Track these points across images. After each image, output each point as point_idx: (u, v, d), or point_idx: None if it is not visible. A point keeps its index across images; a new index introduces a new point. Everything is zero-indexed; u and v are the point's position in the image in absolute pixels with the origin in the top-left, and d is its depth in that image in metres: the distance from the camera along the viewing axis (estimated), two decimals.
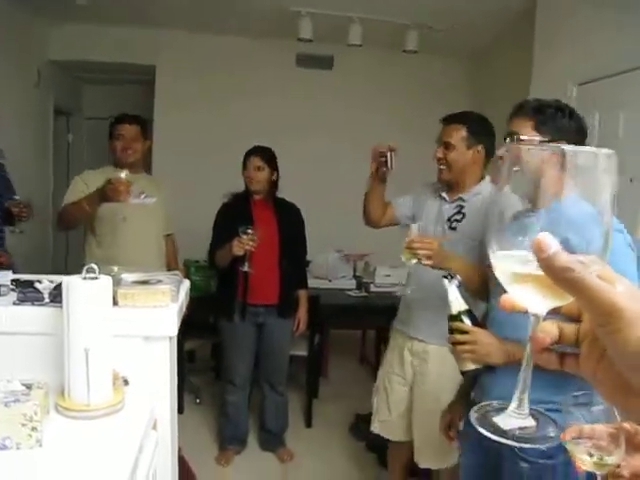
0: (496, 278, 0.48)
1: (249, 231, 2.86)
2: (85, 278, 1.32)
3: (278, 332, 3.21)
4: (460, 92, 5.37)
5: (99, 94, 6.15)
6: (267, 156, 3.11)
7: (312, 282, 4.13)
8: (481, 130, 2.34)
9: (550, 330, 0.48)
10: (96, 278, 1.33)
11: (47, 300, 1.50)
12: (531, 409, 0.51)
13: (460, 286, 1.66)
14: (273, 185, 3.15)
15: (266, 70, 5.18)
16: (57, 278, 1.78)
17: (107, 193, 2.52)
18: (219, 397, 3.51)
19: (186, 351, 3.91)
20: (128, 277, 1.57)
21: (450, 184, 2.37)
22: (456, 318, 1.64)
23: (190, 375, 4.05)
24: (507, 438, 0.50)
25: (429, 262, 1.97)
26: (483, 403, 0.54)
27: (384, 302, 3.85)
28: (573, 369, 0.49)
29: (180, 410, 3.80)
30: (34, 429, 1.16)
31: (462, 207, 2.34)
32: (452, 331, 1.64)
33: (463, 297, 1.65)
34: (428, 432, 2.41)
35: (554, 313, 0.49)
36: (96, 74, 5.69)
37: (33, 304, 1.48)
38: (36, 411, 1.16)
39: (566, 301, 0.46)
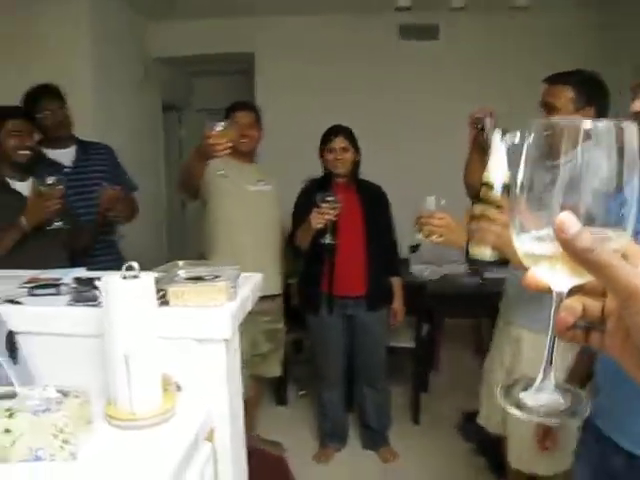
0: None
1: (329, 198, 2.55)
2: (125, 277, 1.21)
3: (370, 325, 2.96)
4: (584, 50, 4.76)
5: (207, 86, 6.25)
6: (351, 135, 2.91)
7: (420, 268, 3.87)
8: (592, 90, 2.03)
9: (574, 307, 0.47)
10: (136, 277, 1.22)
11: (101, 300, 1.42)
12: (558, 384, 0.50)
13: (516, 145, 1.22)
14: (356, 166, 2.94)
15: (368, 46, 4.94)
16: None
17: (203, 149, 2.34)
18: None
19: (291, 342, 3.83)
20: (183, 273, 1.45)
21: None
22: (492, 187, 1.27)
23: (296, 366, 3.96)
24: (528, 413, 0.49)
25: (440, 240, 1.75)
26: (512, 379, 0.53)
27: (500, 288, 3.58)
28: (598, 346, 0.48)
29: (284, 402, 3.75)
30: (65, 442, 1.06)
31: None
32: (481, 200, 1.27)
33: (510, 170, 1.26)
34: (522, 429, 2.19)
35: (579, 290, 0.47)
36: (200, 66, 5.76)
37: (87, 304, 1.41)
38: (66, 423, 1.06)
39: (590, 277, 0.44)
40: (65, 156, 2.82)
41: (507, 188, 1.23)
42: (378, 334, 3.02)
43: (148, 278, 1.22)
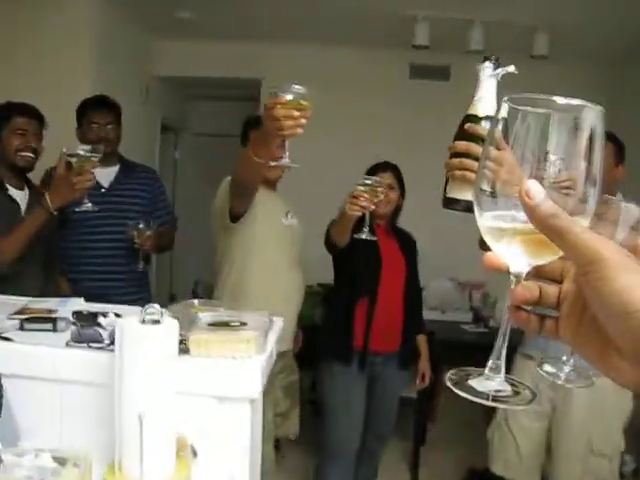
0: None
1: (367, 181, 2.03)
2: (144, 321, 1.02)
3: (393, 385, 2.64)
4: (601, 102, 4.73)
5: (206, 110, 6.12)
6: (399, 174, 2.61)
7: (424, 314, 3.71)
8: (622, 150, 2.22)
9: (531, 288, 0.48)
10: (157, 321, 1.03)
11: (107, 342, 1.22)
12: (506, 376, 0.51)
13: (500, 74, 1.08)
14: (398, 210, 2.62)
15: (377, 82, 4.85)
16: (130, 310, 1.52)
17: (267, 126, 1.57)
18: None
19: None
20: (205, 317, 1.26)
21: None
22: (479, 120, 1.06)
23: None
24: (482, 398, 0.49)
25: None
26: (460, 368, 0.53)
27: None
28: (552, 333, 0.48)
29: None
30: None
31: None
32: (465, 135, 1.07)
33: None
34: None
35: (537, 275, 0.48)
36: (203, 89, 5.64)
37: (89, 346, 1.21)
38: None
39: (549, 258, 0.46)
40: (105, 176, 2.55)
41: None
42: (397, 395, 2.74)
43: (171, 324, 1.03)
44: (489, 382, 0.51)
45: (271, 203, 2.37)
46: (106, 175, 2.57)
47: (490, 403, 0.49)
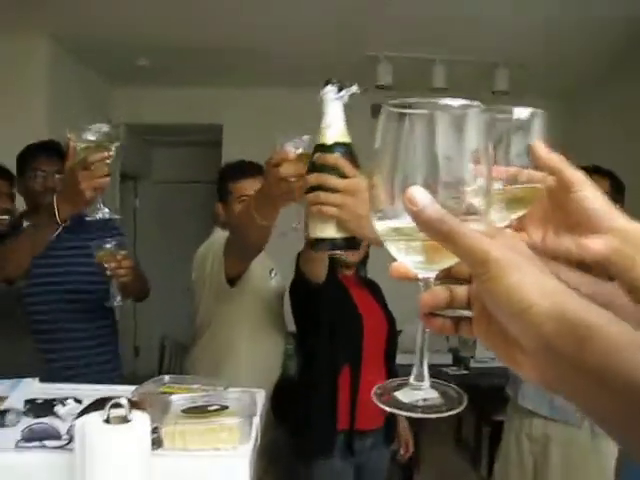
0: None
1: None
2: (108, 419, 0.86)
3: (382, 467, 2.21)
4: (556, 137, 4.81)
5: (167, 157, 5.99)
6: None
7: (401, 358, 3.58)
8: (620, 188, 2.11)
9: (440, 293, 0.47)
10: (126, 420, 0.87)
11: (65, 438, 1.05)
12: (432, 381, 0.49)
13: (345, 96, 0.99)
14: (367, 257, 2.29)
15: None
16: (92, 393, 1.35)
17: (272, 186, 1.25)
18: None
19: None
20: (178, 400, 1.10)
21: None
22: (329, 149, 0.95)
23: None
24: (411, 411, 0.47)
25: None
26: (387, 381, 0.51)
27: (487, 381, 3.32)
28: (468, 333, 0.47)
29: None
30: None
31: None
32: (316, 167, 0.96)
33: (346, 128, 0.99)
34: None
35: (447, 277, 0.48)
36: (163, 136, 5.52)
37: (44, 445, 1.03)
38: None
39: (448, 262, 0.46)
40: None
41: (347, 148, 0.97)
42: (383, 476, 2.28)
43: (141, 422, 0.88)
44: (416, 392, 0.49)
45: (258, 264, 2.05)
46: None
47: (420, 415, 0.47)
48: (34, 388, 1.36)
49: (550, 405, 2.04)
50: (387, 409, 0.48)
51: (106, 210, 1.57)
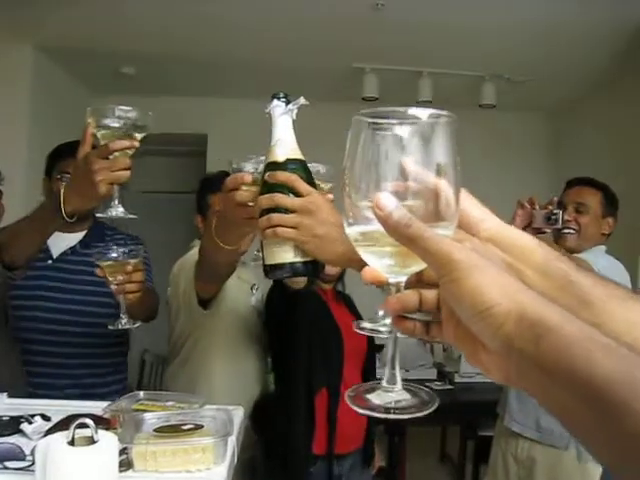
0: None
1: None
2: (72, 442, 0.81)
3: None
4: (542, 151, 4.85)
5: (152, 167, 5.92)
6: None
7: (381, 373, 3.52)
8: (614, 202, 2.11)
9: (410, 297, 0.48)
10: (92, 441, 0.82)
11: (29, 459, 1.00)
12: (404, 384, 0.50)
13: (293, 110, 0.94)
14: (344, 270, 2.12)
15: (326, 136, 4.80)
16: (61, 409, 1.29)
17: (228, 212, 1.14)
18: None
19: None
20: (151, 419, 1.05)
21: (572, 253, 1.91)
22: (281, 167, 0.89)
23: None
24: (380, 412, 0.48)
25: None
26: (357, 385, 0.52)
27: (472, 396, 3.36)
28: (438, 336, 0.49)
29: None
30: None
31: None
32: (267, 187, 0.89)
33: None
34: None
35: (419, 282, 0.49)
36: (146, 145, 5.43)
37: (5, 467, 0.98)
38: None
39: (417, 267, 0.46)
40: (60, 242, 1.95)
41: (299, 165, 0.91)
42: None
43: (108, 443, 0.83)
44: (388, 394, 0.49)
45: (237, 281, 1.96)
46: (62, 241, 1.95)
47: (393, 416, 0.48)
48: (1, 404, 1.30)
49: (536, 427, 2.00)
50: (360, 411, 0.48)
51: (120, 209, 1.32)
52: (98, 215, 1.43)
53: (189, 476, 0.94)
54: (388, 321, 0.89)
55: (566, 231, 1.95)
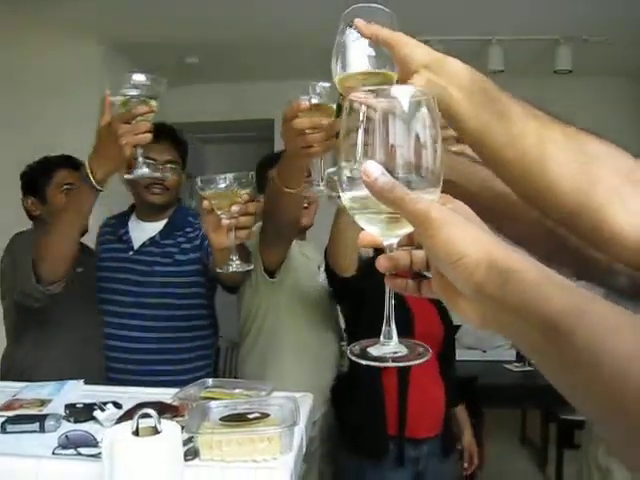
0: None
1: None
2: (138, 431, 0.81)
3: (442, 478, 2.00)
4: (623, 118, 4.53)
5: (221, 154, 6.01)
6: None
7: (461, 353, 3.44)
8: None
9: (401, 256, 0.53)
10: (156, 431, 0.81)
11: (101, 446, 1.01)
12: (400, 339, 0.55)
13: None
14: None
15: None
16: (133, 396, 1.31)
17: (290, 145, 1.21)
18: None
19: None
20: (218, 407, 1.04)
21: None
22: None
23: None
24: (383, 362, 0.54)
25: None
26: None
27: None
28: (429, 293, 0.53)
29: None
30: None
31: None
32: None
33: None
34: None
35: (410, 243, 0.53)
36: (215, 134, 5.54)
37: (79, 453, 1.00)
38: None
39: (407, 229, 0.50)
40: (141, 232, 2.00)
41: None
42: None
43: (172, 433, 0.82)
44: (385, 347, 0.55)
45: (303, 257, 1.96)
46: (143, 231, 1.99)
47: (391, 364, 0.55)
48: (78, 391, 1.34)
49: None
50: (359, 361, 0.53)
51: (145, 169, 1.36)
52: (126, 177, 1.43)
53: (255, 465, 0.93)
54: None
55: None
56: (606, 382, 0.35)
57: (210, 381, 1.24)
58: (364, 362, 0.53)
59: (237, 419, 0.98)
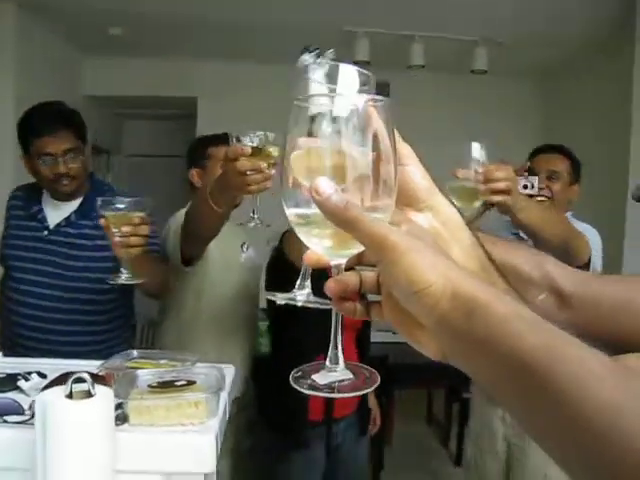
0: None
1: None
2: (71, 394, 0.84)
3: (358, 455, 2.15)
4: (530, 117, 4.86)
5: (141, 130, 5.87)
6: None
7: (373, 335, 3.59)
8: (579, 169, 2.13)
9: (350, 279, 0.49)
10: (89, 395, 0.85)
11: (27, 413, 1.03)
12: (347, 363, 0.51)
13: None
14: None
15: None
16: (56, 367, 1.32)
17: (228, 178, 1.34)
18: None
19: None
20: (145, 375, 1.08)
21: None
22: None
23: None
24: (327, 392, 0.49)
25: (506, 199, 1.30)
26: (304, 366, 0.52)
27: None
28: (379, 317, 0.49)
29: None
30: None
31: None
32: None
33: None
34: None
35: (359, 263, 0.50)
36: (136, 109, 5.41)
37: (4, 421, 1.01)
38: None
39: (355, 249, 0.47)
40: (56, 212, 1.95)
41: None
42: (365, 465, 2.30)
43: (105, 397, 0.86)
44: (331, 374, 0.50)
45: (225, 237, 1.95)
46: (58, 210, 1.93)
47: (336, 395, 0.50)
48: None
49: None
50: (305, 392, 0.48)
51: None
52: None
53: (183, 429, 0.98)
54: (305, 291, 0.89)
55: (540, 198, 1.95)
56: (585, 429, 0.33)
57: (135, 352, 1.27)
58: (307, 391, 0.48)
59: (165, 386, 1.03)
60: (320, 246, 0.48)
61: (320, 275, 0.56)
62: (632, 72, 3.14)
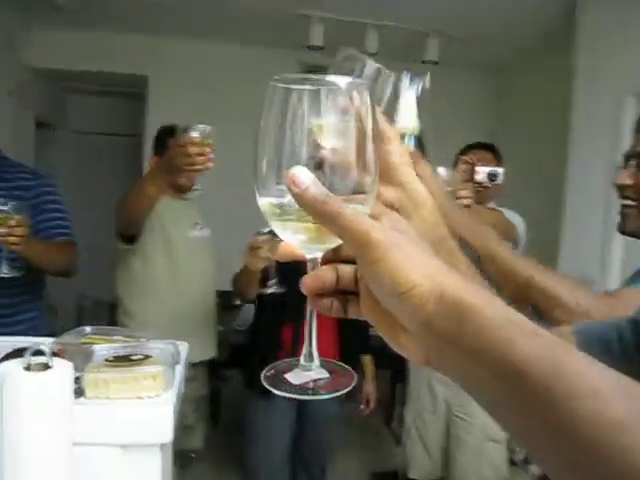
0: None
1: (266, 231, 1.84)
2: (30, 367, 0.85)
3: (328, 409, 2.36)
4: (482, 109, 4.99)
5: (86, 106, 5.69)
6: None
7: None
8: (501, 158, 2.31)
9: (325, 274, 0.46)
10: (47, 366, 0.86)
11: None
12: (323, 360, 0.48)
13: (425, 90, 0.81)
14: None
15: (268, 81, 4.75)
16: (10, 344, 1.31)
17: (174, 162, 1.69)
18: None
19: None
20: (101, 350, 1.09)
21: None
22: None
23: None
24: (298, 393, 0.45)
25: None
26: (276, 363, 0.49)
27: None
28: (356, 314, 0.46)
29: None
30: None
31: None
32: None
33: None
34: (475, 471, 2.22)
35: (335, 258, 0.46)
36: (83, 84, 5.23)
37: None
38: None
39: (332, 243, 0.44)
40: None
41: (418, 139, 0.83)
42: (334, 418, 2.47)
43: (64, 369, 0.87)
44: (306, 373, 0.47)
45: (177, 212, 2.24)
46: None
47: (311, 397, 0.46)
48: None
49: None
50: (278, 393, 0.46)
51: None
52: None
53: (140, 402, 1.00)
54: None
55: (480, 189, 2.06)
56: (584, 444, 0.32)
57: (88, 329, 1.28)
58: (279, 393, 0.46)
59: (121, 360, 1.05)
60: (295, 239, 0.46)
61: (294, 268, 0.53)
62: (574, 68, 3.27)
